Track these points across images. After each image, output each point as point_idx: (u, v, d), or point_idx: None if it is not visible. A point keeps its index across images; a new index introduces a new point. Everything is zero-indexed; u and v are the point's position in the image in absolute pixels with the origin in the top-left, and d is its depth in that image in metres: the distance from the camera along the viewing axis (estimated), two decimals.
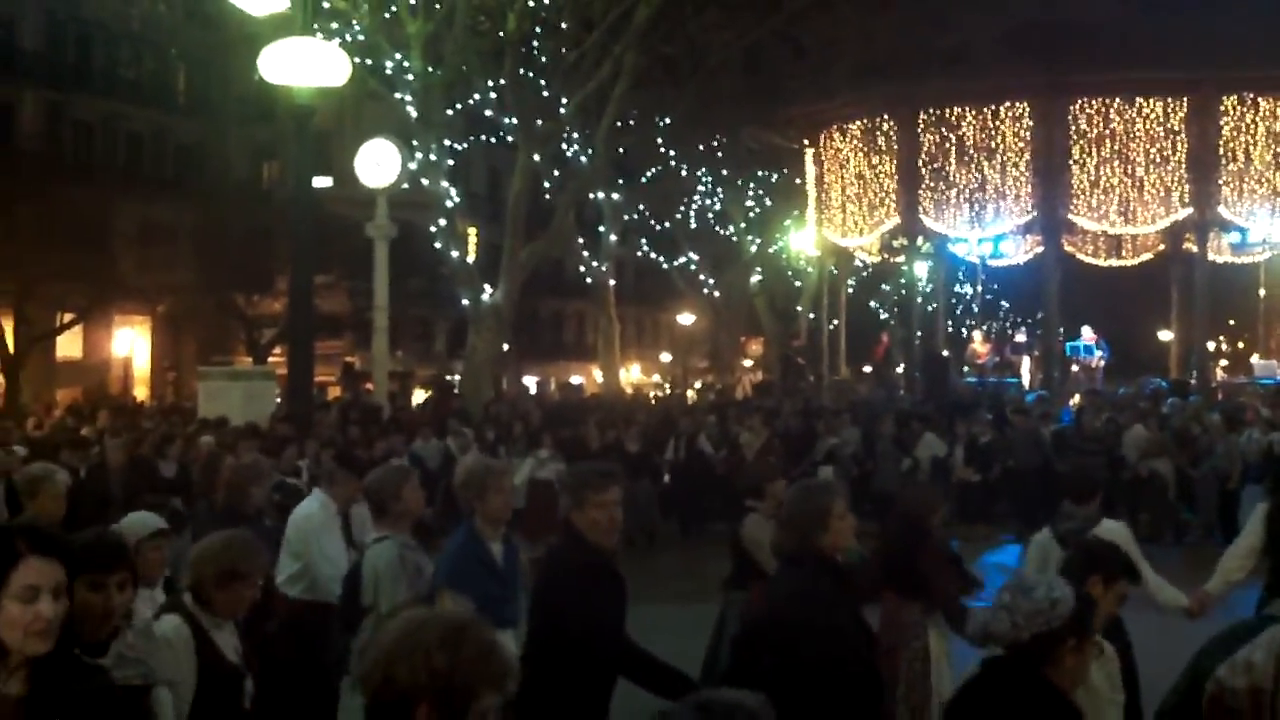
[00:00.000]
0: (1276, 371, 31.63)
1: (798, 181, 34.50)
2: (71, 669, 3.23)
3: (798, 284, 42.15)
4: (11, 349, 34.18)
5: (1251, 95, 26.49)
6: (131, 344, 42.54)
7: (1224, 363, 47.90)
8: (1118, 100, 26.78)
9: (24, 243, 31.64)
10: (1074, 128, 26.96)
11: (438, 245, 27.71)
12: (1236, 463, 19.07)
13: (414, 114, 26.13)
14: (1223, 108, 26.51)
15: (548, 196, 32.24)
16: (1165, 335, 45.35)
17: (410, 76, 25.86)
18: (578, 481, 5.63)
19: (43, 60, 40.77)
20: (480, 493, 6.10)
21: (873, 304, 48.15)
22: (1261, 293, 37.58)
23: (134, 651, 4.41)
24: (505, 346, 31.73)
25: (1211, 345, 36.71)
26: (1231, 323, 60.28)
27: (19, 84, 39.90)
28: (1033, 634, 3.82)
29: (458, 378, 37.39)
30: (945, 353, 31.86)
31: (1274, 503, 8.05)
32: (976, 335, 35.97)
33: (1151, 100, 26.68)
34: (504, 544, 6.22)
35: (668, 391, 43.03)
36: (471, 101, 28.58)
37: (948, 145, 27.99)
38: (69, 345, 39.73)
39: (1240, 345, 66.27)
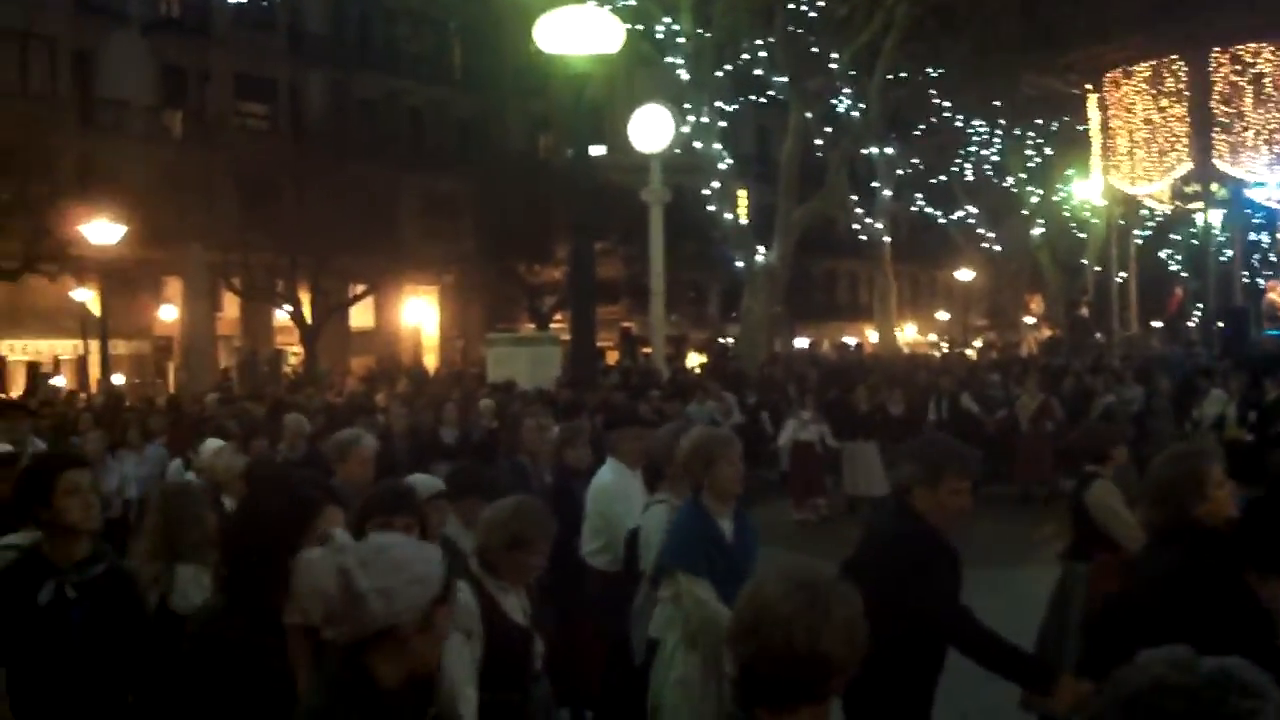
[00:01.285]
0: None
1: (1080, 129, 33.24)
2: None
3: (1082, 236, 40.69)
4: (309, 320, 35.98)
5: None
6: (420, 313, 44.27)
7: None
8: None
9: (317, 219, 33.23)
10: None
11: (710, 208, 27.82)
12: None
13: (685, 77, 26.22)
14: None
15: (819, 155, 31.95)
16: None
17: (681, 40, 25.94)
18: (938, 457, 5.16)
19: (327, 42, 42.68)
20: (708, 464, 5.67)
21: (1163, 254, 46.15)
22: None
23: None
24: (779, 308, 31.65)
25: None
26: None
27: (306, 66, 41.89)
28: None
29: (731, 340, 37.60)
30: (1240, 304, 30.31)
31: None
32: (1270, 284, 34.03)
33: None
34: (734, 520, 5.79)
35: (945, 350, 42.26)
36: (741, 61, 28.51)
37: (1243, 84, 26.48)
38: (362, 315, 41.59)
39: None
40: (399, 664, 3.00)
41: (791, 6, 27.56)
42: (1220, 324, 28.87)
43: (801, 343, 43.72)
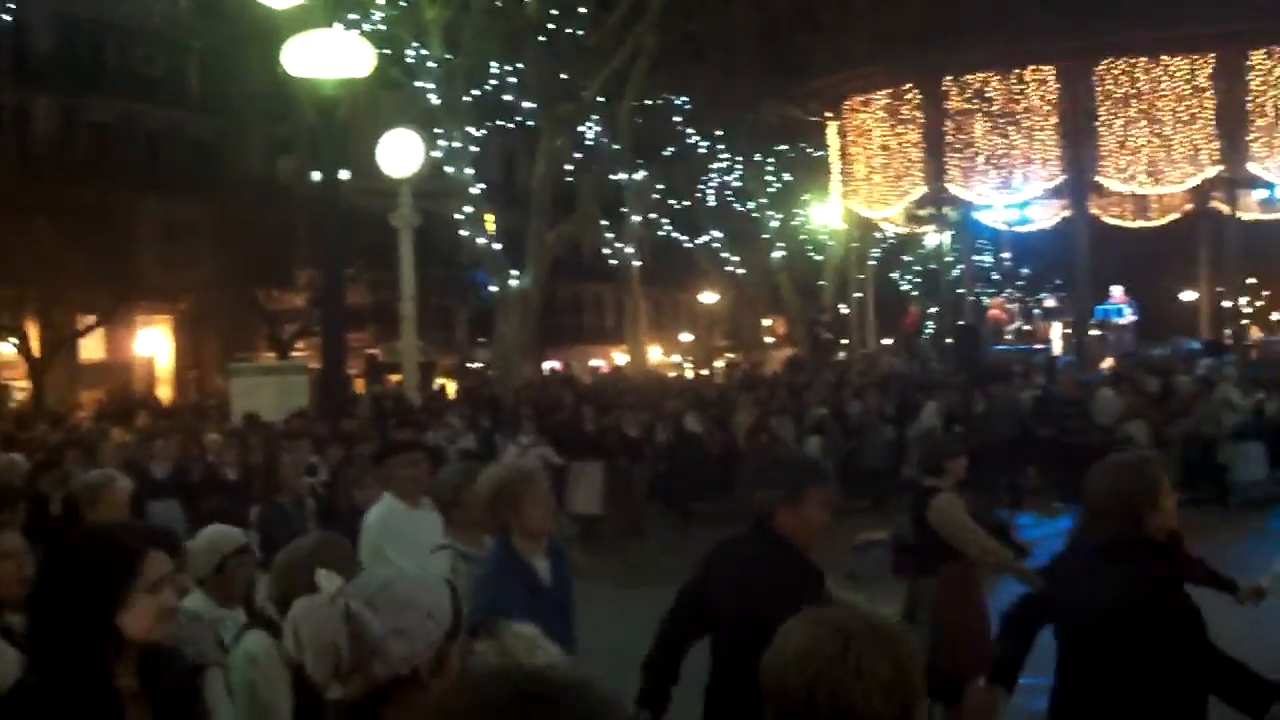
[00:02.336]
0: None
1: (817, 154, 34.29)
2: (158, 655, 3.38)
3: (819, 258, 41.95)
4: (37, 354, 34.13)
5: (1278, 48, 26.19)
6: (154, 343, 42.48)
7: (1243, 321, 47.53)
8: (1144, 59, 26.51)
9: (45, 248, 31.54)
10: (1100, 89, 26.71)
11: (462, 233, 27.58)
12: (1218, 423, 19.03)
13: (436, 102, 25.95)
14: (1250, 63, 26.22)
15: (570, 180, 32.10)
16: (1187, 296, 45.16)
17: (431, 64, 25.66)
18: (796, 473, 5.02)
19: (56, 63, 40.62)
20: (515, 504, 5.26)
21: (894, 275, 47.96)
22: None
23: (185, 632, 4.29)
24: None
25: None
26: (1252, 281, 60.03)
27: (32, 89, 39.76)
28: None
29: (479, 365, 37.35)
30: (973, 322, 31.72)
31: None
32: (993, 302, 35.81)
33: (1178, 58, 26.41)
34: (549, 557, 5.41)
35: (693, 372, 42.95)
36: (491, 86, 28.41)
37: (973, 111, 27.76)
38: (93, 348, 39.64)
39: (1261, 303, 66.07)
40: (414, 713, 2.66)
41: (542, 39, 27.60)
42: (951, 340, 30.14)
43: (550, 366, 43.79)
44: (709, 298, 47.64)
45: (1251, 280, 59.39)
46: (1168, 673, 4.29)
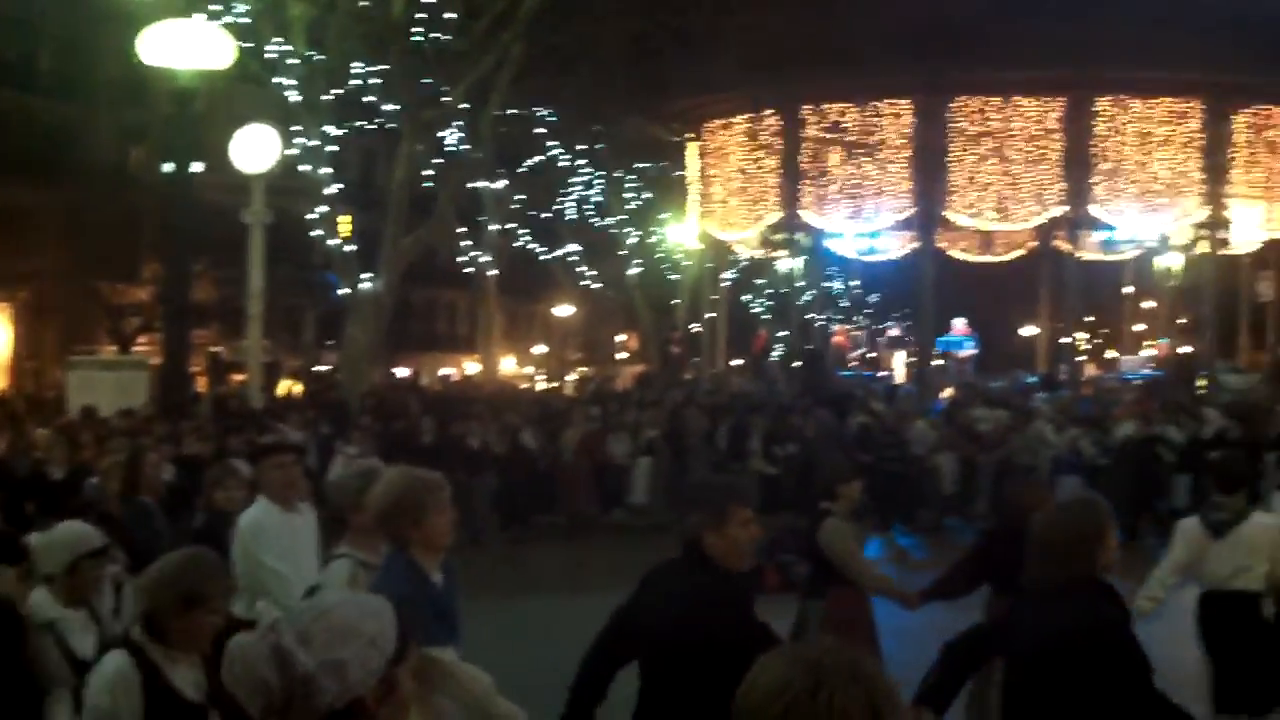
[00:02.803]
0: (1140, 367, 32.65)
1: (678, 174, 34.59)
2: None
3: (675, 277, 42.27)
4: None
5: (1124, 96, 27.17)
6: None
7: (1081, 358, 49.07)
8: (996, 99, 27.29)
9: None
10: (953, 125, 27.42)
11: (314, 233, 27.20)
12: (1036, 454, 19.82)
13: (295, 99, 25.56)
14: (1096, 108, 27.14)
15: (428, 185, 31.86)
16: (1027, 330, 46.51)
17: (292, 61, 25.27)
18: (718, 494, 5.01)
19: None
20: (418, 516, 4.93)
21: (746, 298, 48.48)
22: (1126, 290, 38.81)
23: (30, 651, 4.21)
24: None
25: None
26: (1091, 319, 62.00)
27: None
28: None
29: (326, 368, 36.86)
30: (815, 346, 32.30)
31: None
32: (838, 329, 36.50)
33: (1028, 99, 27.25)
34: (444, 573, 5.13)
35: (545, 384, 42.94)
36: (353, 86, 28.09)
37: (829, 141, 28.29)
38: None
39: (1098, 341, 68.26)
40: None
41: (407, 38, 27.36)
42: (797, 364, 30.64)
43: (402, 372, 43.40)
44: (564, 310, 47.75)
45: (1089, 318, 61.42)
46: (1112, 714, 4.41)
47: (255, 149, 24.75)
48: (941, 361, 31.14)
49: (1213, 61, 26.90)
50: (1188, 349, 32.88)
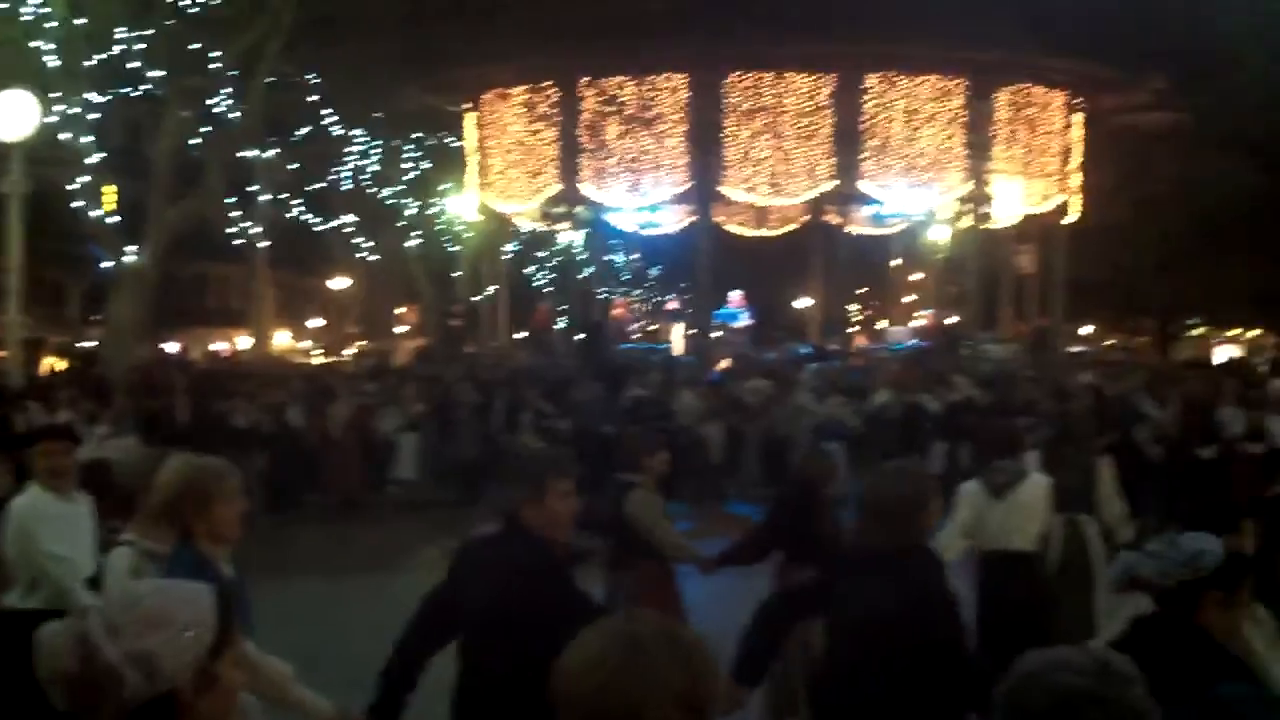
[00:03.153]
0: (907, 338, 33.71)
1: (457, 145, 34.23)
2: None
3: (455, 249, 41.90)
4: None
5: (893, 73, 27.90)
6: None
7: (854, 329, 50.50)
8: (769, 75, 27.72)
9: None
10: (728, 100, 27.76)
11: (76, 204, 26.08)
12: (796, 424, 20.38)
13: (54, 64, 24.39)
14: (866, 85, 27.80)
15: (196, 154, 30.83)
16: (803, 303, 47.61)
17: (51, 24, 24.09)
18: (536, 467, 4.95)
19: None
20: (204, 505, 4.73)
21: (528, 271, 48.41)
22: (895, 263, 39.94)
23: None
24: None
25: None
26: (863, 291, 63.77)
27: None
28: (1179, 581, 3.87)
29: (91, 344, 35.47)
30: (597, 319, 32.43)
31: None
32: (617, 301, 36.75)
33: (800, 76, 27.75)
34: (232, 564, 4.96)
35: (324, 358, 42.10)
36: (117, 52, 26.95)
37: (608, 114, 28.34)
38: None
39: (870, 312, 70.35)
40: None
41: (171, 1, 26.38)
42: (580, 337, 30.72)
43: (171, 348, 42.05)
44: (340, 283, 46.80)
45: (860, 290, 63.19)
46: (932, 679, 4.48)
47: (12, 115, 23.59)
48: (719, 333, 31.60)
49: (976, 40, 27.88)
50: (953, 320, 34.09)
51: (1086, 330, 52.37)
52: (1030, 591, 7.98)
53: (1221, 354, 47.85)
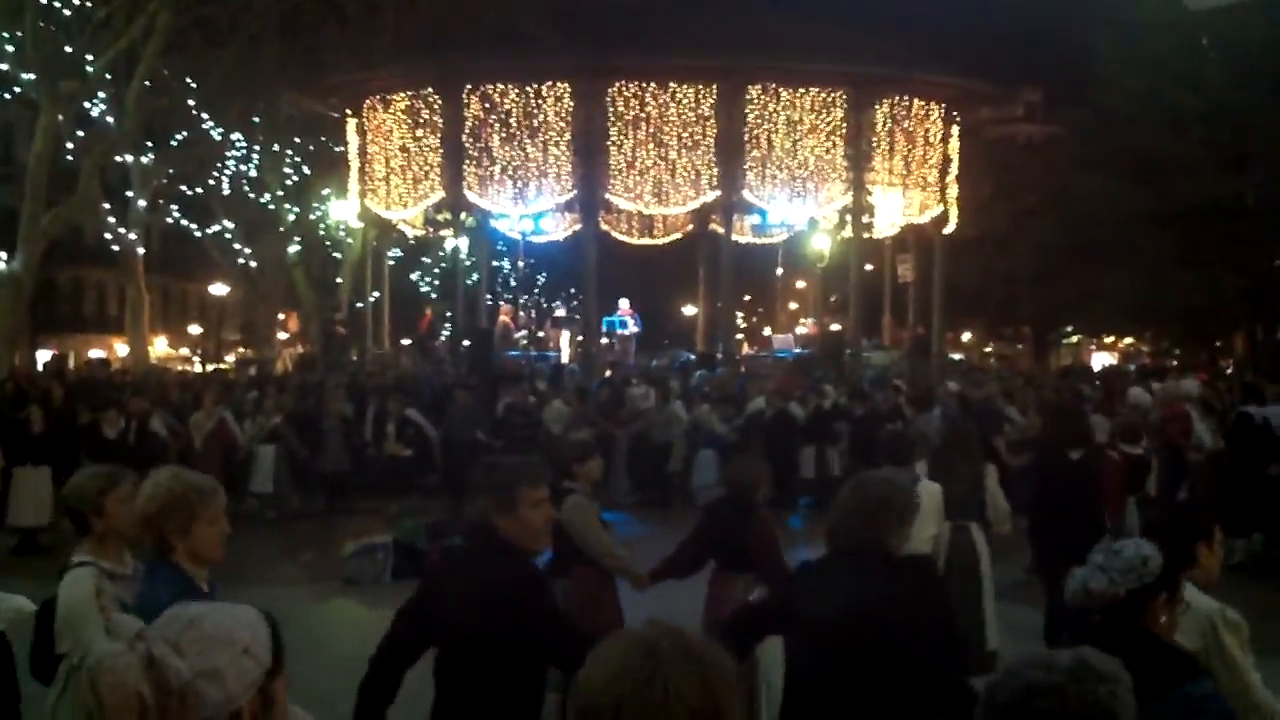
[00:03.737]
0: (792, 345, 34.10)
1: (339, 150, 33.90)
2: None
3: (337, 255, 41.47)
4: None
5: (775, 85, 28.17)
6: None
7: (739, 336, 51.03)
8: (653, 84, 27.85)
9: None
10: (613, 110, 27.83)
11: None
12: (672, 430, 20.80)
13: None
14: (749, 96, 28.05)
15: (71, 159, 30.17)
16: (690, 310, 47.94)
17: None
18: (507, 476, 4.79)
19: None
20: (186, 522, 4.60)
21: (414, 277, 48.07)
22: (779, 271, 40.53)
23: None
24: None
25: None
26: (748, 299, 64.43)
27: None
28: (1128, 590, 4.02)
29: None
30: (487, 327, 32.31)
31: None
32: (503, 307, 36.64)
33: (684, 86, 27.91)
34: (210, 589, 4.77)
35: (201, 366, 41.43)
36: None
37: (492, 121, 28.27)
38: None
39: (755, 320, 71.09)
40: None
41: (44, 2, 25.78)
42: (467, 343, 30.57)
43: (45, 356, 41.05)
44: (220, 289, 46.12)
45: (746, 298, 63.77)
46: (905, 687, 4.48)
47: None
48: (606, 340, 31.68)
49: (856, 54, 28.30)
50: (836, 327, 34.56)
51: (966, 337, 53.44)
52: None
53: (1097, 361, 49.04)
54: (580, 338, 31.50)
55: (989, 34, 33.06)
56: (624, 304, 33.02)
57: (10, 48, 26.37)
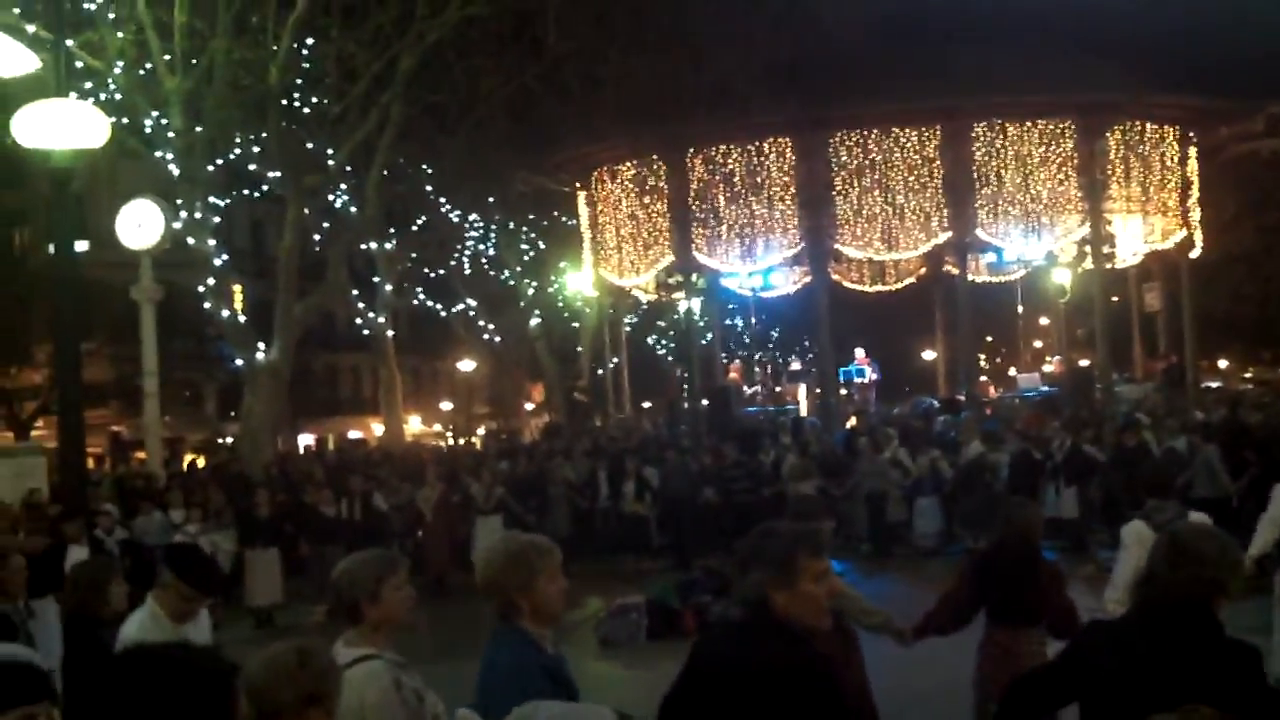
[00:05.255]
0: (1039, 384, 33.20)
1: (571, 223, 34.72)
2: None
3: (575, 325, 42.32)
4: None
5: (1000, 121, 27.71)
6: None
7: (984, 378, 49.96)
8: (875, 131, 27.71)
9: None
10: (835, 160, 27.79)
11: (206, 305, 26.93)
12: (885, 480, 20.41)
13: (176, 171, 25.32)
14: (974, 134, 27.65)
15: (319, 249, 31.67)
16: (929, 355, 47.19)
17: (171, 134, 25.06)
18: (785, 546, 4.28)
19: None
20: (527, 581, 4.58)
21: (650, 340, 48.63)
22: (1019, 309, 39.61)
23: None
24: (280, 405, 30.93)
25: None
26: (989, 340, 63.00)
27: None
28: None
29: (229, 440, 36.34)
30: (723, 385, 32.45)
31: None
32: (731, 365, 36.75)
33: (907, 130, 27.69)
34: (554, 648, 4.71)
35: (453, 440, 42.71)
36: (235, 155, 27.88)
37: (717, 182, 28.55)
38: None
39: (998, 360, 69.44)
40: None
41: (286, 103, 27.23)
42: (705, 402, 30.76)
43: (307, 439, 42.94)
44: (467, 365, 47.55)
45: (987, 338, 62.38)
46: None
47: (139, 224, 24.53)
48: (845, 391, 31.46)
49: (1082, 83, 27.61)
50: (1084, 363, 33.50)
51: (1223, 364, 51.09)
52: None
53: None
54: (818, 390, 31.35)
55: (1221, 50, 31.81)
56: (860, 353, 32.79)
57: (257, 148, 27.87)
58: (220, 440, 41.02)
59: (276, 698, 3.77)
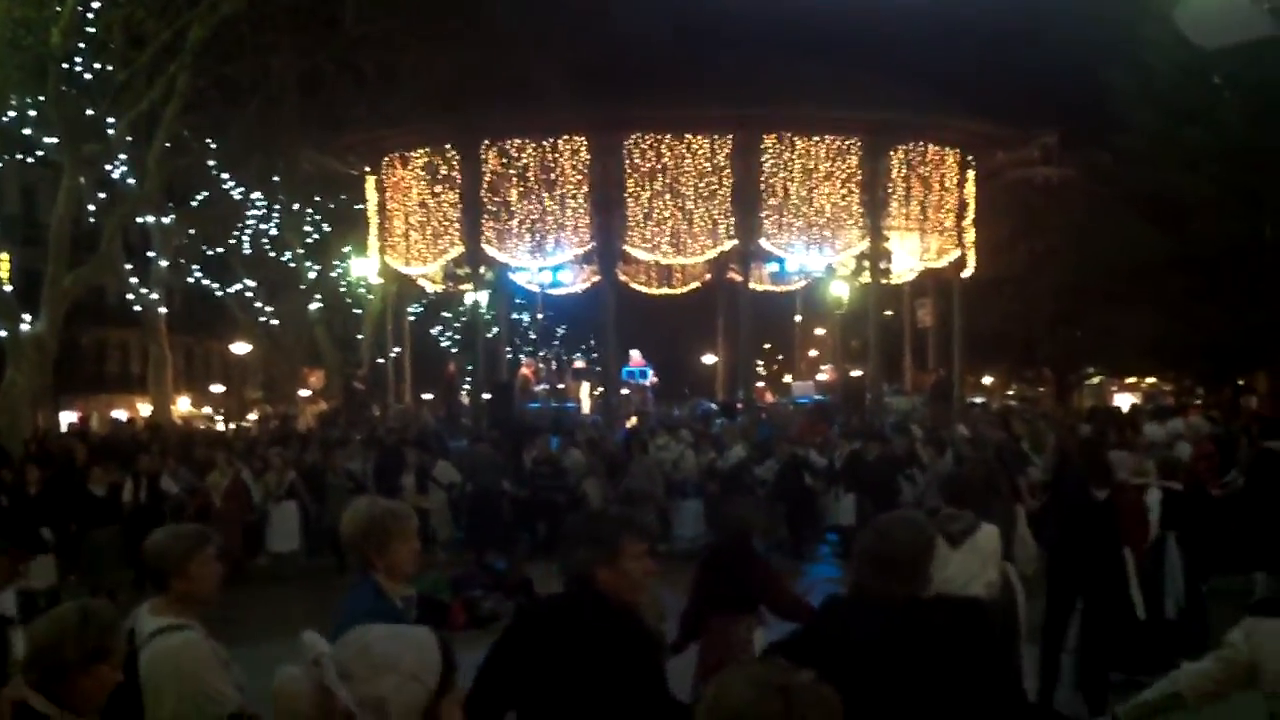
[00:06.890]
0: (812, 391, 34.10)
1: (358, 207, 34.17)
2: None
3: (358, 312, 41.69)
4: None
5: (790, 134, 28.32)
6: None
7: (761, 384, 50.98)
8: (668, 136, 28.02)
9: None
10: (628, 161, 28.01)
11: None
12: (651, 480, 20.42)
13: None
14: (764, 145, 28.20)
15: (93, 220, 30.47)
16: (710, 359, 48.00)
17: None
18: (612, 528, 4.69)
19: None
20: (383, 543, 5.09)
21: (434, 331, 48.23)
22: (797, 319, 40.58)
23: None
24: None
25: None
26: (768, 346, 64.43)
27: None
28: None
29: None
30: (507, 380, 32.43)
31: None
32: (524, 361, 36.78)
33: (699, 136, 28.08)
34: (404, 602, 5.15)
35: (224, 424, 41.57)
36: (8, 118, 26.62)
37: (510, 176, 28.47)
38: None
39: (775, 367, 71.08)
40: None
41: (66, 67, 26.11)
42: (487, 396, 30.67)
43: (69, 417, 41.28)
44: (242, 348, 46.31)
45: (766, 346, 63.76)
46: None
47: None
48: (626, 391, 31.73)
49: (869, 101, 28.43)
50: (857, 373, 34.53)
51: (987, 381, 53.29)
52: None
53: (1119, 402, 48.80)
54: (600, 389, 31.55)
55: (1004, 78, 33.24)
56: (635, 354, 33.11)
57: (33, 112, 26.70)
58: None
59: (62, 654, 4.05)
